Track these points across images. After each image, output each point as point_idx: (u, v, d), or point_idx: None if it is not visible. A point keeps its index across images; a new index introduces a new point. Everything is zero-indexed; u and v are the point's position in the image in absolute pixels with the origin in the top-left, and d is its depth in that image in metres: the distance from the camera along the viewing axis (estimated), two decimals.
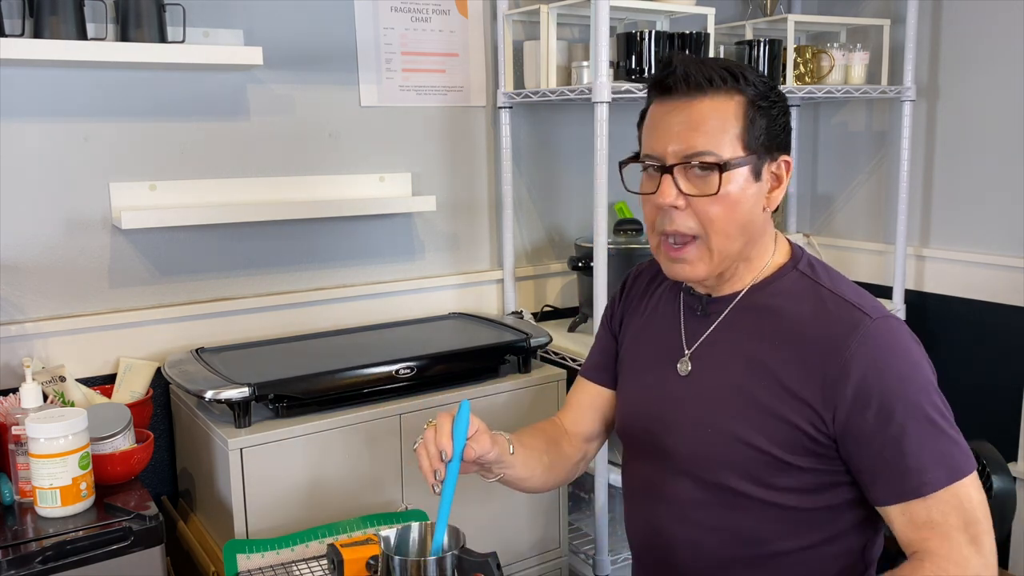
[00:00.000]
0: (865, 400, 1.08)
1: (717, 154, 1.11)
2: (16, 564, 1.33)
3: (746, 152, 1.13)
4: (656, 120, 1.17)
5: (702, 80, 1.12)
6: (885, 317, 1.12)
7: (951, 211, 2.46)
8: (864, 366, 1.08)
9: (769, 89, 1.16)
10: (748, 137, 1.13)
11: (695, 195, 1.13)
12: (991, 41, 2.32)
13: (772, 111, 1.15)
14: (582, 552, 2.17)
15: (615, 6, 1.93)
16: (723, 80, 1.12)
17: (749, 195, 1.15)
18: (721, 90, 1.13)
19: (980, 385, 2.40)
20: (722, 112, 1.12)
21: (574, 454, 1.39)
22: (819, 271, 1.21)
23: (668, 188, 1.14)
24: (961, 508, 1.07)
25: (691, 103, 1.13)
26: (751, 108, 1.13)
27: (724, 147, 1.12)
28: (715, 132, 1.12)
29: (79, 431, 1.44)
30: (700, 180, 1.13)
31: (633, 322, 1.37)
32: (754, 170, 1.15)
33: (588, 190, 2.00)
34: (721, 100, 1.13)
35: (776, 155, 1.17)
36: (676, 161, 1.13)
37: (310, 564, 1.49)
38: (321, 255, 2.14)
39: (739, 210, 1.14)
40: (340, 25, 2.09)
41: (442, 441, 1.13)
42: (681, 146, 1.13)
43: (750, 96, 1.13)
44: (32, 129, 1.78)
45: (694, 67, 1.13)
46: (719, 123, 1.12)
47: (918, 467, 1.07)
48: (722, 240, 1.15)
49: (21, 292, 1.81)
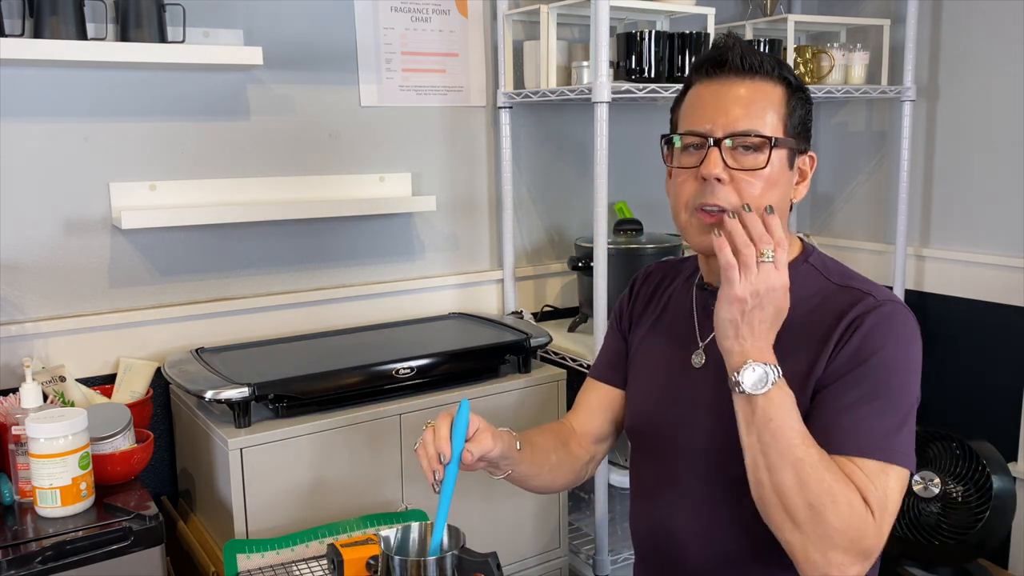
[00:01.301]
0: (849, 363, 1.11)
1: (763, 133, 1.15)
2: (16, 564, 1.33)
3: (786, 137, 1.17)
4: (703, 98, 1.19)
5: (754, 63, 1.16)
6: (892, 301, 1.15)
7: (951, 211, 2.46)
8: (859, 334, 1.12)
9: (803, 84, 1.21)
10: (789, 124, 1.18)
11: (743, 168, 1.15)
12: (991, 41, 2.32)
13: (806, 104, 1.21)
14: (582, 552, 2.17)
15: (615, 6, 1.93)
16: (772, 67, 1.17)
17: (785, 180, 1.19)
18: (769, 76, 1.17)
19: (980, 385, 2.40)
20: (770, 95, 1.17)
21: (583, 455, 1.39)
22: (829, 265, 1.24)
23: (715, 159, 1.15)
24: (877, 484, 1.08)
25: (743, 82, 1.17)
26: (793, 97, 1.18)
27: (770, 128, 1.16)
28: (764, 113, 1.16)
29: (79, 431, 1.44)
30: (745, 157, 1.16)
31: (643, 321, 1.38)
32: (790, 156, 1.19)
33: (588, 190, 2.00)
34: (769, 85, 1.17)
35: (806, 147, 1.22)
36: (724, 135, 1.16)
37: (310, 564, 1.49)
38: (321, 255, 2.14)
39: (774, 193, 1.17)
40: (340, 25, 2.09)
41: (440, 444, 1.14)
42: (730, 121, 1.15)
43: (793, 86, 1.19)
44: (32, 129, 1.78)
45: (747, 49, 1.17)
46: (768, 105, 1.16)
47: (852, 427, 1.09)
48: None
49: (21, 292, 1.81)
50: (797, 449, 1.05)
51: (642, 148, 2.49)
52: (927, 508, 2.09)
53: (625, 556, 2.13)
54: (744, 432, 1.09)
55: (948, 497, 2.07)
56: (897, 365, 1.12)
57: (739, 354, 1.08)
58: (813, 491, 1.04)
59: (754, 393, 1.06)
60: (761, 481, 1.07)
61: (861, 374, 1.11)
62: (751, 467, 1.09)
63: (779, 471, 1.05)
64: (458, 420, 1.16)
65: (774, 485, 1.06)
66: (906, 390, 1.12)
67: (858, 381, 1.11)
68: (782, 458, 1.05)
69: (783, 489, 1.05)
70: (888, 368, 1.11)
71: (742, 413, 1.09)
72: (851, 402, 1.10)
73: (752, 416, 1.07)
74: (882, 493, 1.07)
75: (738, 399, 1.09)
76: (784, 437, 1.05)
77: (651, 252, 2.19)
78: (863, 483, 1.07)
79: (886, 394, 1.10)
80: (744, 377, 1.06)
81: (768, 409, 1.06)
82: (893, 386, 1.11)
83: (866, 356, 1.11)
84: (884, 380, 1.10)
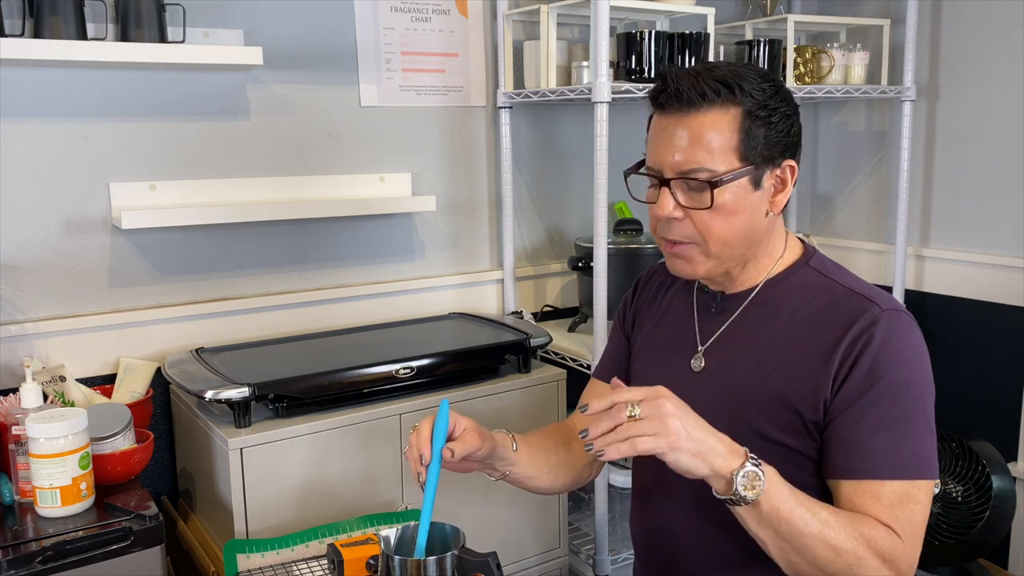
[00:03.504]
0: (858, 381, 1.11)
1: (711, 169, 1.13)
2: (16, 564, 1.33)
3: (743, 164, 1.14)
4: (655, 133, 1.19)
5: (694, 96, 1.12)
6: (896, 310, 1.15)
7: (951, 211, 2.46)
8: (869, 353, 1.11)
9: (770, 96, 1.15)
10: (744, 149, 1.14)
11: (692, 207, 1.15)
12: (991, 41, 2.32)
13: (772, 119, 1.15)
14: (582, 552, 2.17)
15: (615, 6, 1.93)
16: (716, 93, 1.12)
17: (748, 204, 1.16)
18: (715, 104, 1.13)
19: (980, 385, 2.40)
20: (716, 126, 1.13)
21: (585, 455, 1.39)
22: (830, 267, 1.24)
23: (666, 200, 1.16)
24: (904, 504, 1.09)
25: (685, 118, 1.14)
26: (747, 119, 1.13)
27: (718, 161, 1.13)
28: (708, 148, 1.13)
29: (79, 431, 1.44)
30: (696, 193, 1.15)
31: (646, 322, 1.38)
32: (753, 180, 1.16)
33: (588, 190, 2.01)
34: (715, 114, 1.13)
35: (779, 161, 1.17)
36: (673, 175, 1.15)
37: (310, 564, 1.49)
38: (321, 255, 2.14)
39: (737, 219, 1.16)
40: (340, 25, 2.09)
41: (421, 445, 1.15)
42: (676, 160, 1.15)
43: (747, 107, 1.13)
44: (32, 129, 1.78)
45: (687, 82, 1.13)
46: (713, 138, 1.13)
47: (874, 450, 1.10)
48: (720, 247, 1.18)
49: (21, 292, 1.81)
50: (814, 521, 1.05)
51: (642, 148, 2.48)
52: None
53: (625, 556, 2.13)
54: (757, 531, 1.07)
55: (948, 497, 2.08)
56: (910, 379, 1.12)
57: (723, 468, 1.03)
58: (848, 550, 1.05)
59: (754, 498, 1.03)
60: (794, 563, 1.07)
61: (877, 396, 1.10)
62: (778, 555, 1.08)
63: (809, 550, 1.05)
64: (438, 422, 1.16)
65: (810, 562, 1.06)
66: (922, 400, 1.12)
67: (875, 402, 1.10)
68: (805, 538, 1.05)
69: (820, 563, 1.06)
70: (903, 384, 1.11)
71: (750, 518, 1.06)
72: (871, 426, 1.10)
73: (761, 516, 1.05)
74: (910, 512, 1.09)
75: (739, 509, 1.06)
76: (798, 518, 1.04)
77: (651, 252, 2.19)
78: (890, 513, 1.08)
79: (904, 411, 1.10)
80: (743, 490, 1.03)
81: (773, 501, 1.04)
82: (910, 401, 1.11)
83: (879, 376, 1.10)
84: (900, 397, 1.10)
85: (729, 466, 1.03)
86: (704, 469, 1.02)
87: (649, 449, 1.01)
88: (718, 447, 1.03)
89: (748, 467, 1.03)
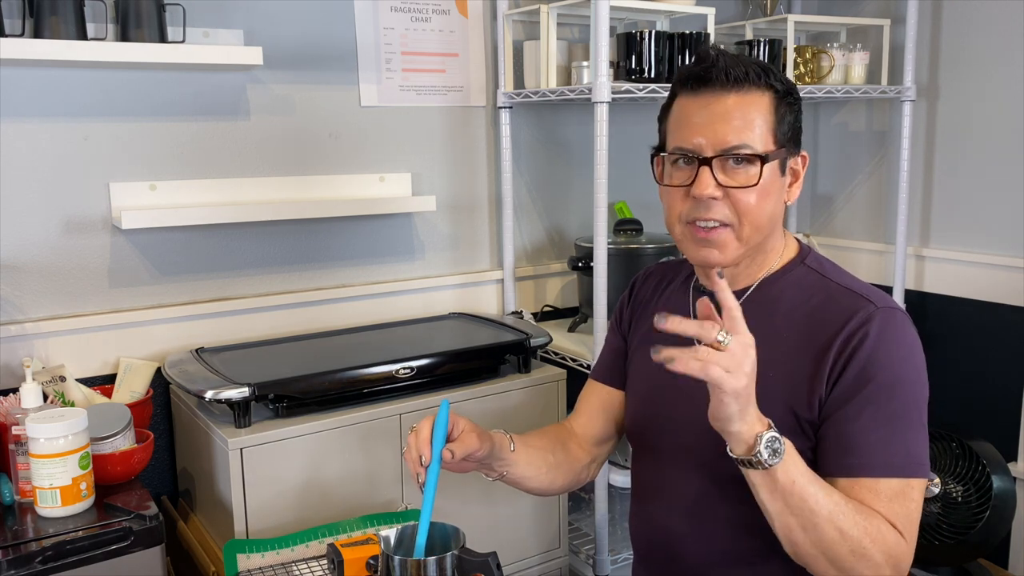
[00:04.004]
0: (853, 378, 1.11)
1: (753, 147, 1.14)
2: (16, 564, 1.33)
3: (776, 146, 1.17)
4: (689, 113, 1.18)
5: (739, 74, 1.14)
6: (890, 308, 1.15)
7: (951, 211, 2.46)
8: (863, 351, 1.11)
9: (791, 87, 1.20)
10: (777, 131, 1.17)
11: (734, 186, 1.15)
12: (991, 41, 2.32)
13: (795, 107, 1.20)
14: (582, 552, 2.17)
15: (615, 6, 1.93)
16: (757, 75, 1.15)
17: (778, 188, 1.19)
18: (756, 85, 1.16)
19: (980, 385, 2.40)
20: (757, 106, 1.15)
21: (583, 456, 1.39)
22: (826, 266, 1.24)
23: (707, 179, 1.15)
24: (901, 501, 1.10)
25: (727, 96, 1.15)
26: (781, 103, 1.17)
27: (759, 140, 1.15)
28: (752, 126, 1.15)
29: (79, 431, 1.44)
30: (737, 172, 1.15)
31: (643, 323, 1.38)
32: (781, 164, 1.19)
33: (588, 190, 2.00)
34: (755, 95, 1.16)
35: (796, 149, 1.21)
36: (714, 153, 1.15)
37: (310, 564, 1.49)
38: (321, 255, 2.14)
39: (770, 201, 1.17)
40: (340, 25, 2.09)
41: (420, 446, 1.16)
42: (719, 138, 1.15)
43: (779, 91, 1.17)
44: (32, 129, 1.78)
45: (731, 61, 1.15)
46: (755, 117, 1.15)
47: (870, 448, 1.10)
48: (753, 230, 1.18)
49: (21, 292, 1.81)
50: (826, 501, 1.05)
51: (642, 148, 2.48)
52: (927, 508, 2.08)
53: (625, 556, 2.13)
54: (767, 502, 1.06)
55: (948, 497, 2.07)
56: (905, 376, 1.12)
57: (747, 432, 1.02)
58: (853, 537, 1.05)
59: (774, 464, 1.03)
60: (797, 541, 1.07)
61: (872, 394, 1.10)
62: (783, 531, 1.07)
63: (817, 528, 1.05)
64: (437, 422, 1.17)
65: (815, 542, 1.05)
66: (916, 398, 1.13)
67: (870, 400, 1.10)
68: (815, 515, 1.04)
69: (825, 544, 1.05)
70: (898, 382, 1.11)
71: (763, 486, 1.05)
72: (866, 424, 1.10)
73: (775, 485, 1.04)
74: (907, 510, 1.09)
75: (755, 474, 1.04)
76: (811, 495, 1.04)
77: (651, 252, 2.19)
78: (888, 508, 1.08)
79: (899, 410, 1.11)
80: (765, 452, 1.02)
81: (790, 472, 1.04)
82: (904, 399, 1.11)
83: (873, 374, 1.11)
84: (894, 396, 1.11)
85: (755, 429, 1.02)
86: (736, 424, 1.01)
87: (716, 381, 0.97)
88: (754, 412, 1.03)
89: (773, 433, 1.02)
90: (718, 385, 0.98)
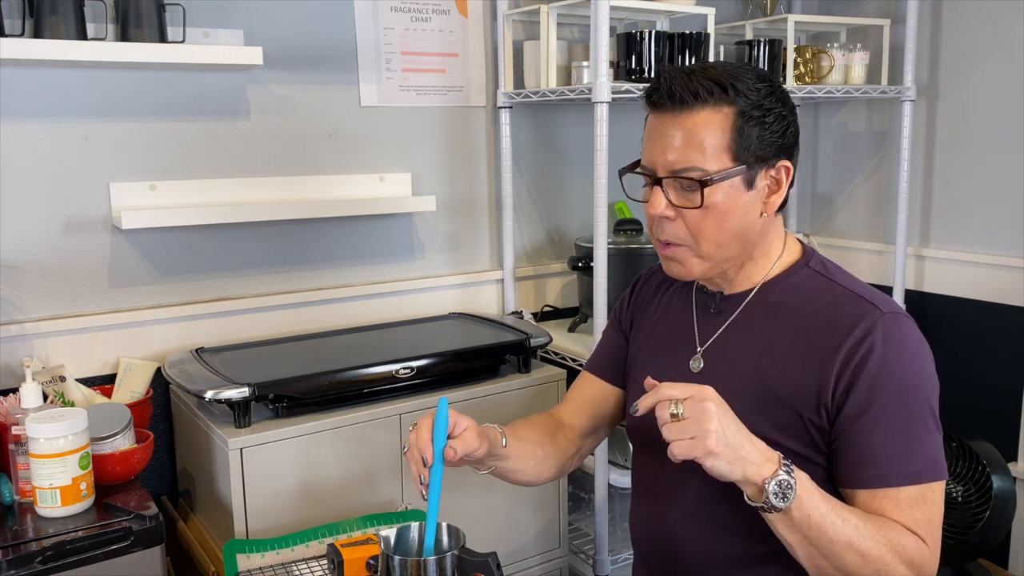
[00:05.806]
0: (865, 391, 1.11)
1: (702, 168, 1.13)
2: (16, 564, 1.33)
3: (734, 163, 1.14)
4: (649, 131, 1.19)
5: (687, 95, 1.12)
6: (896, 313, 1.15)
7: (951, 211, 2.46)
8: (872, 363, 1.11)
9: (764, 96, 1.15)
10: (737, 148, 1.13)
11: (684, 207, 1.15)
12: (991, 41, 2.32)
13: (766, 119, 1.15)
14: (582, 552, 2.17)
15: (615, 6, 1.93)
16: (709, 93, 1.12)
17: (741, 204, 1.16)
18: (708, 103, 1.13)
19: (980, 385, 2.40)
20: (709, 126, 1.13)
21: (569, 447, 1.40)
22: (830, 268, 1.24)
23: (658, 199, 1.16)
24: (921, 506, 1.10)
25: (678, 117, 1.14)
26: (740, 119, 1.13)
27: (710, 161, 1.13)
28: (700, 147, 1.13)
29: (79, 431, 1.44)
30: (687, 193, 1.15)
31: (644, 323, 1.38)
32: (746, 180, 1.15)
33: (588, 190, 2.01)
34: (708, 113, 1.13)
35: (774, 161, 1.17)
36: (665, 174, 1.16)
37: (310, 564, 1.49)
38: (321, 255, 2.14)
39: (729, 219, 1.16)
40: (340, 25, 2.09)
41: (422, 447, 1.16)
42: (669, 160, 1.15)
43: (741, 107, 1.13)
44: (32, 129, 1.78)
45: (680, 81, 1.13)
46: (705, 137, 1.13)
47: (888, 459, 1.10)
48: (712, 248, 1.18)
49: (21, 292, 1.81)
50: (844, 527, 1.05)
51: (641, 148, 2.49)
52: None
53: (625, 556, 2.13)
54: (786, 535, 1.06)
55: (948, 497, 2.08)
56: (916, 382, 1.12)
57: (755, 476, 1.01)
58: (876, 556, 1.05)
59: (785, 506, 1.02)
60: (822, 567, 1.07)
61: (885, 403, 1.10)
62: (806, 559, 1.07)
63: (838, 556, 1.05)
64: (437, 422, 1.17)
65: (838, 567, 1.06)
66: (928, 401, 1.13)
67: (884, 410, 1.10)
68: (835, 544, 1.05)
69: (849, 568, 1.06)
70: (909, 388, 1.11)
71: (780, 524, 1.05)
72: (883, 435, 1.10)
73: (792, 522, 1.04)
74: (928, 516, 1.09)
75: (772, 516, 1.05)
76: (828, 525, 1.04)
77: (651, 252, 2.19)
78: (909, 516, 1.08)
79: (912, 416, 1.11)
80: (774, 499, 1.01)
81: (804, 508, 1.03)
82: (917, 404, 1.11)
83: (884, 383, 1.10)
84: (908, 402, 1.11)
85: (761, 474, 1.02)
86: (737, 475, 1.02)
87: (685, 455, 1.00)
88: (752, 454, 1.02)
89: (780, 475, 1.02)
90: (690, 456, 1.01)
